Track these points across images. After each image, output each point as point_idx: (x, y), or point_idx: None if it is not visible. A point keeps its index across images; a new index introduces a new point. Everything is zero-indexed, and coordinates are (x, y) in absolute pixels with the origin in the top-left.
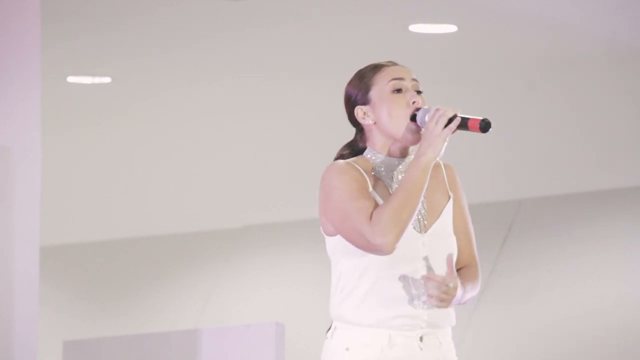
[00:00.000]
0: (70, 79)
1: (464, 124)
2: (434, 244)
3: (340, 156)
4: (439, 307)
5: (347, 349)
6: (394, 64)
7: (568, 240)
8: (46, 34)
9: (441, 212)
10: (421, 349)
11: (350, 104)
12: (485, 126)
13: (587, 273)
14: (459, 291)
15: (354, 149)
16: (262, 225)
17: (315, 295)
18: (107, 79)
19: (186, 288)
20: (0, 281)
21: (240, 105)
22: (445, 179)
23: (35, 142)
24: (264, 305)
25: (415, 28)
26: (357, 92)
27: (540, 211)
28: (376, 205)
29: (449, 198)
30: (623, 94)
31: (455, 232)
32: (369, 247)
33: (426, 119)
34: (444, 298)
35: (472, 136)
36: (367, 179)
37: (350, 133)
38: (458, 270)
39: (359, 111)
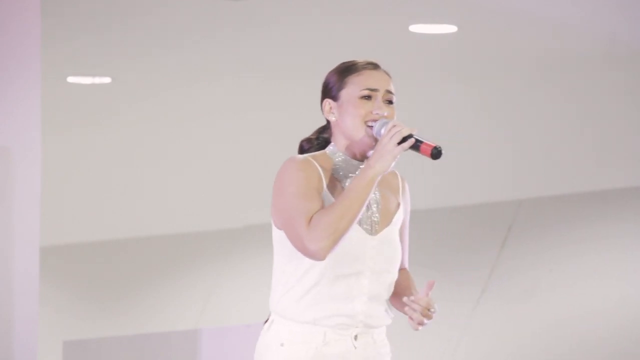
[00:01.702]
0: (70, 79)
1: (416, 146)
2: (381, 247)
3: (308, 141)
4: (416, 329)
5: (282, 345)
6: (375, 68)
7: (568, 240)
8: (46, 34)
9: (392, 219)
10: (355, 347)
11: (324, 93)
12: (436, 154)
13: (588, 273)
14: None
15: (321, 139)
16: (262, 225)
17: None
18: (107, 79)
19: (186, 288)
20: (0, 281)
21: (240, 105)
22: (400, 188)
23: (35, 142)
24: (264, 305)
25: (415, 28)
26: (330, 86)
27: (540, 211)
28: (321, 207)
29: (399, 206)
30: (623, 94)
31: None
32: (303, 250)
33: (382, 131)
34: (424, 322)
35: (472, 136)
36: (324, 178)
37: None
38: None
39: (326, 104)
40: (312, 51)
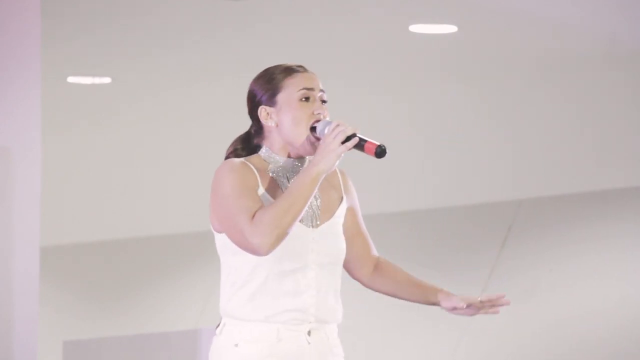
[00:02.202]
0: (70, 79)
1: (360, 145)
2: (323, 240)
3: (234, 151)
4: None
5: (236, 345)
6: (305, 70)
7: (568, 240)
8: (46, 34)
9: (334, 212)
10: (309, 342)
11: (254, 102)
12: (380, 152)
13: (588, 273)
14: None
15: (248, 145)
16: None
17: None
18: (107, 79)
19: (186, 288)
20: (0, 281)
21: (240, 105)
22: (340, 183)
23: (35, 142)
24: None
25: (415, 28)
26: (263, 92)
27: (540, 211)
28: (263, 206)
29: (342, 200)
30: (623, 94)
31: (355, 234)
32: (247, 246)
33: (325, 131)
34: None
35: (472, 136)
36: (259, 179)
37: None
38: (378, 269)
39: (262, 111)
40: (312, 51)
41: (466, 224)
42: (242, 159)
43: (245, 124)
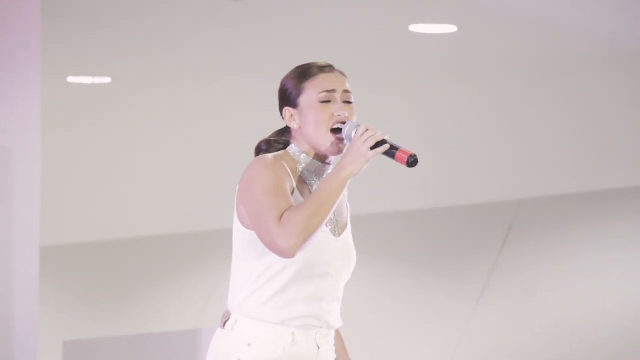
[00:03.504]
0: (70, 79)
1: (391, 153)
2: (345, 249)
3: (266, 143)
4: None
5: (250, 345)
6: (331, 70)
7: (568, 240)
8: (46, 34)
9: (347, 221)
10: (319, 347)
11: (283, 101)
12: (412, 162)
13: (588, 273)
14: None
15: (281, 141)
16: None
17: None
18: (107, 79)
19: (186, 288)
20: (0, 281)
21: (240, 105)
22: (345, 192)
23: (35, 142)
24: None
25: (415, 28)
26: (288, 93)
27: (540, 211)
28: (292, 207)
29: (348, 209)
30: (623, 94)
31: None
32: (272, 247)
33: (353, 134)
34: None
35: (472, 136)
36: (293, 178)
37: None
38: None
39: (286, 113)
40: (312, 51)
41: (466, 224)
42: (273, 155)
43: (245, 124)
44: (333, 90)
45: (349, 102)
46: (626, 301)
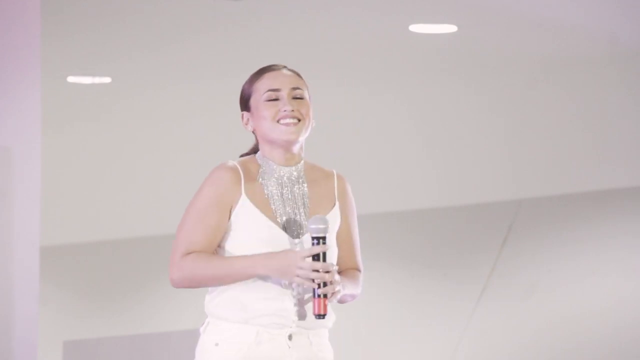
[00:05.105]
0: (70, 79)
1: (315, 293)
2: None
3: (253, 148)
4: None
5: (217, 344)
6: (277, 69)
7: (568, 240)
8: (46, 34)
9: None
10: (289, 347)
11: (240, 106)
12: (317, 317)
13: (587, 273)
14: (338, 278)
15: (252, 152)
16: None
17: None
18: (107, 79)
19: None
20: (0, 281)
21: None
22: (335, 188)
23: (35, 142)
24: None
25: (415, 28)
26: (242, 97)
27: (540, 211)
28: (219, 228)
29: (334, 206)
30: (623, 94)
31: (340, 241)
32: (169, 265)
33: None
34: (328, 280)
35: (472, 136)
36: (243, 189)
37: (355, 132)
38: (340, 272)
39: (243, 117)
40: (312, 51)
41: (466, 224)
42: (236, 163)
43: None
44: (277, 89)
45: (300, 98)
46: (626, 301)
